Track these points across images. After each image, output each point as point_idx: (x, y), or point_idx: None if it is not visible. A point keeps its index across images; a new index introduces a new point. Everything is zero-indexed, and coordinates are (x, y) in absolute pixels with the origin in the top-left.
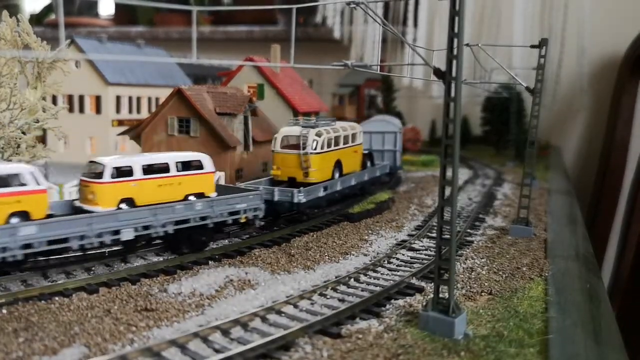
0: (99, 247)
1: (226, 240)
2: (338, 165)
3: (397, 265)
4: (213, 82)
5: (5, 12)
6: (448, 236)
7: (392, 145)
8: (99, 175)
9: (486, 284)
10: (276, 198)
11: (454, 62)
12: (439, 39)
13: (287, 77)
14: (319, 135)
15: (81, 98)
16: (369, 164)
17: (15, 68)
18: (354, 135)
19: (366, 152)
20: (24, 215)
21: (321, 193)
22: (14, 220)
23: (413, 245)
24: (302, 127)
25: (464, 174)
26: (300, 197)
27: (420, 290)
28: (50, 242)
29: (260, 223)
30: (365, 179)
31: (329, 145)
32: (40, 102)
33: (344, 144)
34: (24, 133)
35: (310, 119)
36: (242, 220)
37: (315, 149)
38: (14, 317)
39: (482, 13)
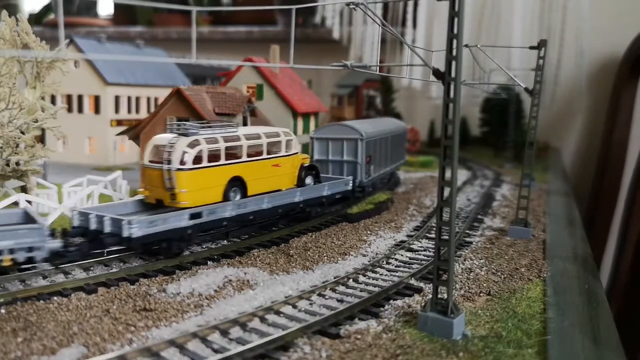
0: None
1: (225, 241)
2: (238, 183)
3: (395, 266)
4: (212, 82)
5: (4, 12)
6: (447, 237)
7: (352, 155)
8: None
9: (485, 284)
10: (107, 229)
11: (453, 63)
12: (438, 40)
13: (286, 78)
14: (193, 145)
15: (80, 98)
16: (309, 180)
17: (14, 67)
18: (275, 144)
19: (307, 165)
20: None
21: (184, 222)
22: None
23: (412, 246)
24: (174, 134)
25: (462, 175)
26: (132, 230)
27: (419, 290)
28: None
29: (44, 266)
30: (296, 200)
31: (215, 158)
32: (39, 101)
33: (254, 155)
34: (22, 133)
35: (185, 122)
36: (6, 264)
37: (184, 163)
38: (13, 316)
39: (481, 14)
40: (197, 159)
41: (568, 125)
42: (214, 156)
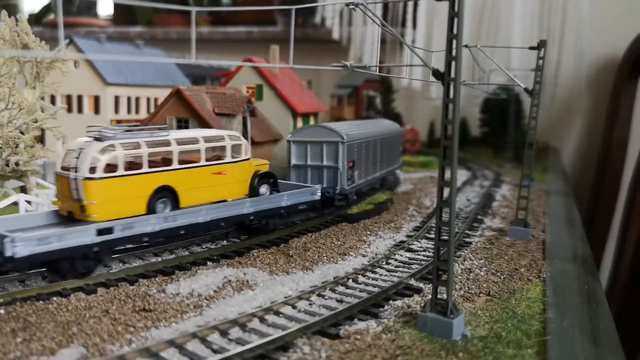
0: None
1: (224, 241)
2: (167, 194)
3: (395, 266)
4: (212, 82)
5: (4, 12)
6: (446, 237)
7: (332, 160)
8: None
9: (484, 285)
10: None
11: (453, 63)
12: (438, 40)
13: (286, 78)
14: (105, 151)
15: (80, 98)
16: (264, 189)
17: (14, 68)
18: (219, 149)
19: (262, 172)
20: None
21: (89, 239)
22: None
23: (411, 246)
24: (88, 138)
25: (462, 175)
26: (16, 248)
27: (418, 291)
28: None
29: None
30: (245, 211)
31: (135, 166)
32: (39, 102)
33: (189, 162)
34: (22, 133)
35: (97, 125)
36: None
37: (94, 172)
38: (12, 317)
39: (481, 14)
40: (111, 167)
41: (568, 125)
42: (134, 163)
